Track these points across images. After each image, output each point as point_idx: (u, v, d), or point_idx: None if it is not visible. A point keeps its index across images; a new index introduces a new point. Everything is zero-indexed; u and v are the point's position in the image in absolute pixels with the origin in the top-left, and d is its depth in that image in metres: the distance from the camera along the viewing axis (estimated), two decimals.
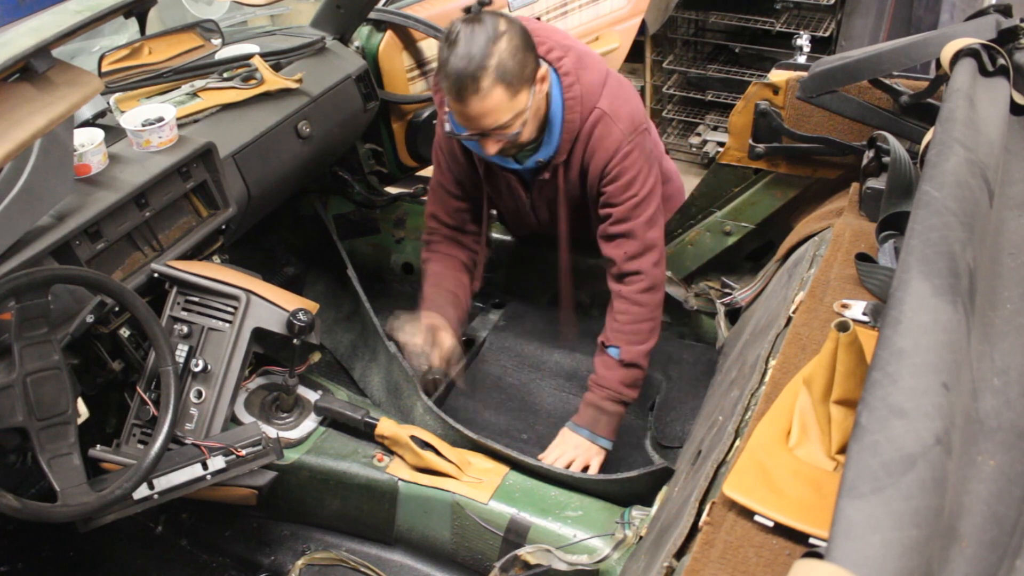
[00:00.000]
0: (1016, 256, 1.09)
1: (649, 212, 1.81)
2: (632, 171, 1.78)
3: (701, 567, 0.99)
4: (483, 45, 1.57)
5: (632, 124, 1.77)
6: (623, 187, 1.79)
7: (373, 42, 2.41)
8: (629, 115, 1.77)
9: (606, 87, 1.77)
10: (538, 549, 1.53)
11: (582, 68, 1.75)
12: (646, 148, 1.80)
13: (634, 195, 1.79)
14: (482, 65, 1.56)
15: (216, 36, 2.04)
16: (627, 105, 1.78)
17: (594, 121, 1.76)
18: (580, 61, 1.75)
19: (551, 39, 1.74)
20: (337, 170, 2.59)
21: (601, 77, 1.77)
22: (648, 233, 1.82)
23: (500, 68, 1.57)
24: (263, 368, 1.88)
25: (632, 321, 1.86)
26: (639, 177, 1.79)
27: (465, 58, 1.57)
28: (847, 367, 1.01)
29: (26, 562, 1.91)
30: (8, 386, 1.41)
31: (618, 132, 1.75)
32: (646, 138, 1.81)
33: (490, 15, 1.61)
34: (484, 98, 1.59)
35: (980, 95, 1.29)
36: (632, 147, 1.77)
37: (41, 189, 1.50)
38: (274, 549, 1.84)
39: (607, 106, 1.75)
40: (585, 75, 1.75)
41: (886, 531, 0.64)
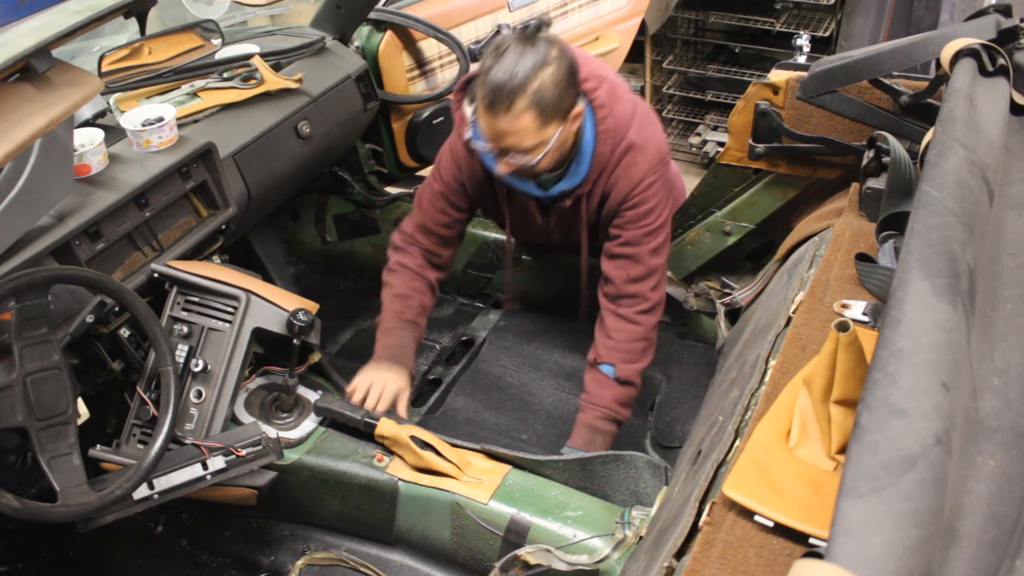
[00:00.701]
0: (1016, 256, 1.09)
1: (659, 241, 1.83)
2: (652, 201, 1.79)
3: (701, 567, 0.99)
4: (529, 67, 1.56)
5: (659, 155, 1.79)
6: (641, 214, 1.80)
7: (373, 42, 2.41)
8: (656, 146, 1.78)
9: (635, 117, 1.77)
10: (538, 549, 1.53)
11: (615, 100, 1.75)
12: (668, 179, 1.82)
13: (649, 223, 1.81)
14: (522, 85, 1.56)
15: (216, 36, 2.04)
16: (654, 136, 1.79)
17: (623, 151, 1.76)
18: (613, 92, 1.75)
19: (586, 68, 1.73)
20: (337, 170, 2.59)
21: (631, 108, 1.78)
22: (653, 259, 1.83)
23: (538, 94, 1.57)
24: (263, 368, 1.88)
25: (628, 339, 1.86)
26: (657, 207, 1.80)
27: (508, 73, 1.56)
28: (847, 367, 1.01)
29: (26, 562, 1.91)
30: (8, 386, 1.41)
31: (645, 163, 1.76)
32: (668, 169, 1.82)
33: (545, 39, 1.61)
34: (514, 119, 1.59)
35: (980, 95, 1.29)
36: (656, 177, 1.78)
37: (41, 189, 1.50)
38: (274, 549, 1.84)
39: (637, 137, 1.76)
40: (618, 107, 1.75)
41: (886, 531, 0.64)
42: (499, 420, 2.07)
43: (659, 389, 2.16)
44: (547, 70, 1.58)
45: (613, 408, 1.85)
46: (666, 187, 1.82)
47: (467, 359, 2.30)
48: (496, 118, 1.60)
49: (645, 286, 1.84)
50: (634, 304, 1.85)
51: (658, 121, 1.86)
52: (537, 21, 1.63)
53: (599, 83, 1.73)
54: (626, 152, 1.76)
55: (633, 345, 1.86)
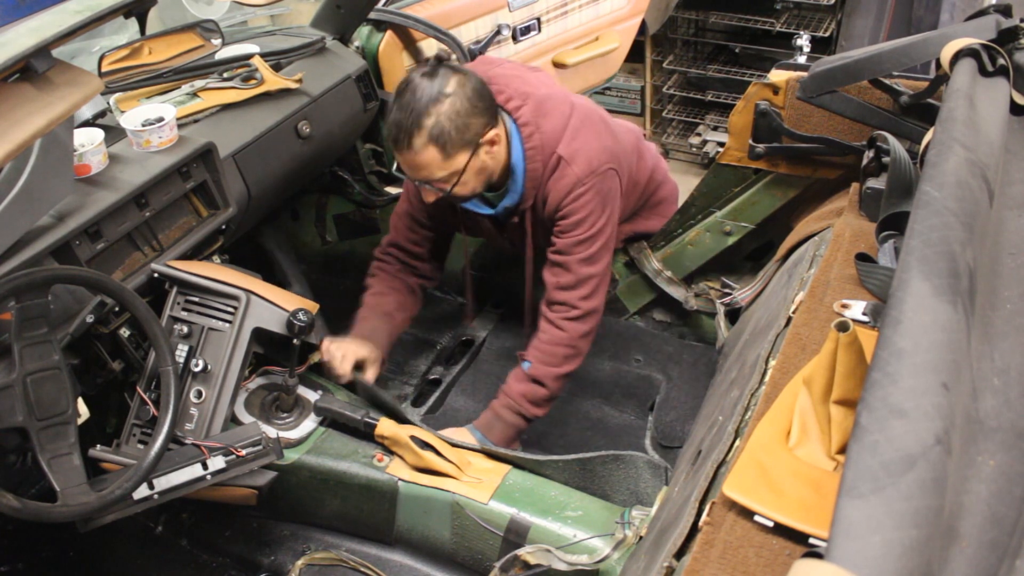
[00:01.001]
0: (1016, 256, 1.09)
1: (591, 250, 1.84)
2: (582, 212, 1.80)
3: (701, 567, 0.99)
4: (424, 103, 1.62)
5: (589, 167, 1.78)
6: (571, 224, 1.82)
7: (373, 42, 2.41)
8: (587, 158, 1.78)
9: (567, 131, 1.78)
10: (538, 549, 1.53)
11: (542, 116, 1.77)
12: (603, 189, 1.81)
13: (579, 233, 1.83)
14: (417, 124, 1.62)
15: (216, 36, 2.04)
16: (587, 147, 1.79)
17: (552, 166, 1.79)
18: (539, 108, 1.78)
19: (510, 87, 1.77)
20: (337, 170, 2.59)
21: (563, 121, 1.79)
22: (583, 268, 1.85)
23: (436, 129, 1.63)
24: (263, 368, 1.88)
25: (550, 342, 1.87)
26: (588, 218, 1.81)
27: (404, 111, 1.63)
28: (847, 367, 1.01)
29: (26, 562, 1.91)
30: (8, 386, 1.40)
31: (572, 175, 1.78)
32: (605, 179, 1.81)
33: (447, 71, 1.66)
34: (416, 154, 1.65)
35: (980, 95, 1.29)
36: (586, 188, 1.79)
37: (41, 189, 1.50)
38: (274, 549, 1.84)
39: (565, 151, 1.77)
40: (545, 122, 1.77)
41: (886, 531, 0.64)
42: None
43: (659, 389, 2.16)
44: (443, 104, 1.62)
45: (519, 402, 1.87)
46: (600, 198, 1.81)
47: (467, 359, 2.31)
48: (402, 155, 1.68)
49: (574, 295, 1.85)
50: (562, 311, 1.87)
51: (599, 132, 1.84)
52: (437, 55, 1.69)
53: (523, 100, 1.77)
54: (556, 166, 1.79)
55: (554, 349, 1.87)
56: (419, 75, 1.65)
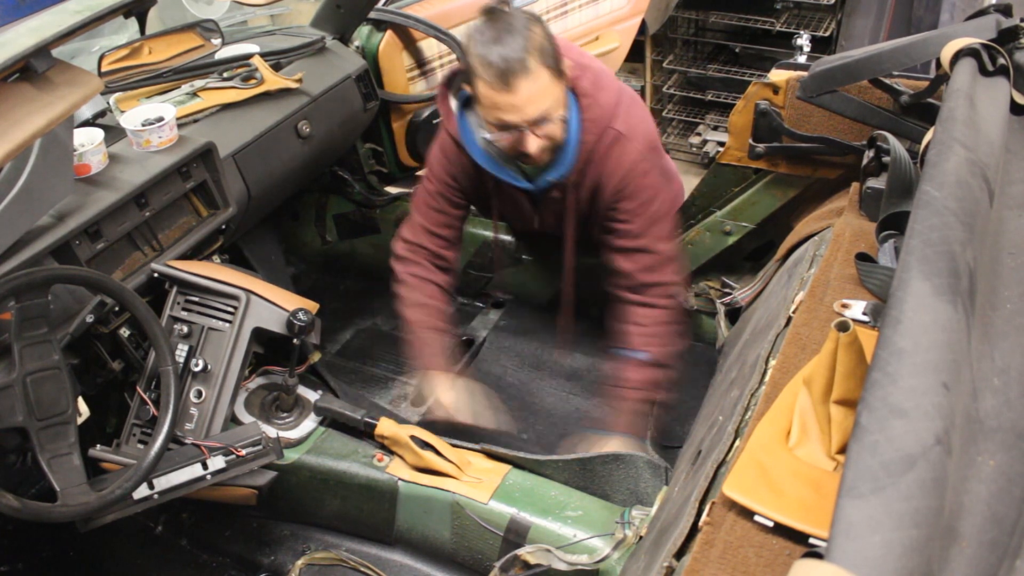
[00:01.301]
0: (1016, 256, 1.09)
1: (667, 227, 1.82)
2: (650, 189, 1.78)
3: (701, 567, 0.99)
4: (522, 30, 1.55)
5: (648, 143, 1.76)
6: (641, 204, 1.78)
7: (373, 42, 2.41)
8: (644, 134, 1.76)
9: (620, 106, 1.75)
10: (538, 549, 1.53)
11: (599, 88, 1.72)
12: (661, 165, 1.80)
13: (652, 212, 1.79)
14: (527, 48, 1.54)
15: (216, 36, 2.04)
16: (642, 124, 1.77)
17: (610, 142, 1.74)
18: (598, 81, 1.73)
19: (569, 55, 1.70)
20: (337, 170, 2.59)
21: (616, 96, 1.75)
22: (663, 246, 1.82)
23: (542, 50, 1.56)
24: (263, 368, 1.88)
25: (657, 323, 1.83)
26: (658, 195, 1.79)
27: (506, 44, 1.54)
28: (847, 367, 1.01)
29: (26, 562, 1.91)
30: (8, 386, 1.41)
31: (634, 152, 1.74)
32: (661, 155, 1.80)
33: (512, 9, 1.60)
34: (533, 80, 1.56)
35: (980, 95, 1.29)
36: (649, 165, 1.76)
37: (41, 189, 1.50)
38: (274, 549, 1.84)
39: (622, 126, 1.73)
40: (601, 96, 1.72)
41: (886, 531, 0.64)
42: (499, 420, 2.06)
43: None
44: (536, 27, 1.58)
45: (648, 389, 1.82)
46: (662, 174, 1.80)
47: (467, 359, 2.30)
48: (517, 89, 1.56)
49: (663, 274, 1.82)
50: (657, 291, 1.83)
51: (646, 110, 1.82)
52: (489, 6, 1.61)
53: (582, 71, 1.71)
54: (614, 142, 1.74)
55: (665, 328, 1.83)
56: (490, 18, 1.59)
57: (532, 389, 2.16)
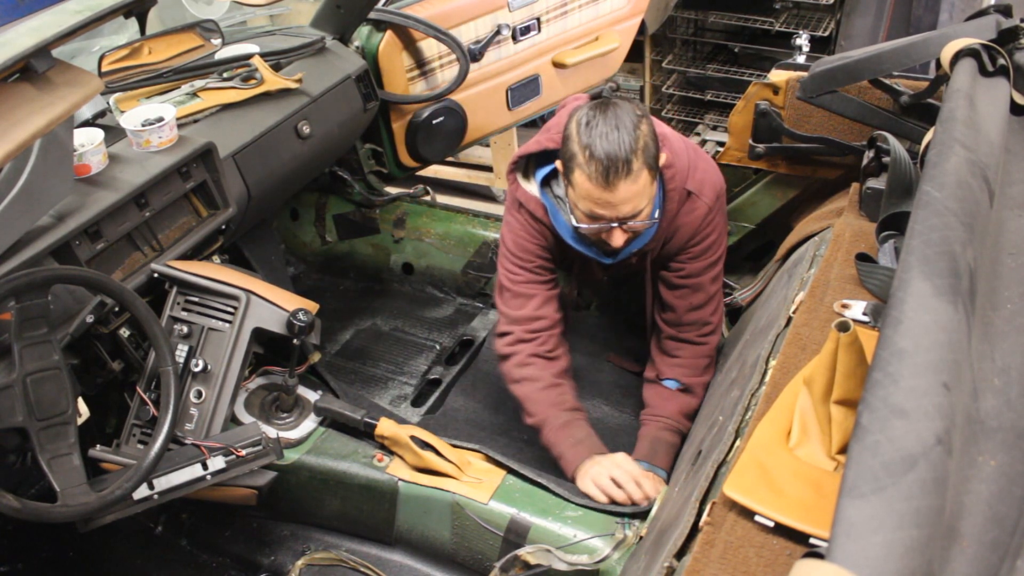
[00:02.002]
0: (1016, 256, 1.09)
1: (718, 269, 1.86)
2: (713, 235, 1.81)
3: (701, 567, 0.99)
4: (632, 129, 1.52)
5: (714, 192, 1.77)
6: (703, 250, 1.81)
7: (373, 42, 2.41)
8: (711, 185, 1.77)
9: (690, 167, 1.75)
10: (538, 549, 1.53)
11: (676, 155, 1.72)
12: (723, 208, 1.83)
13: (710, 256, 1.83)
14: (633, 148, 1.51)
15: (216, 36, 2.04)
16: (707, 176, 1.77)
17: (681, 200, 1.75)
18: (673, 148, 1.72)
19: None
20: (337, 170, 2.59)
21: (686, 158, 1.75)
22: (713, 287, 1.86)
23: (647, 151, 1.54)
24: (263, 368, 1.88)
25: (692, 357, 1.88)
26: (719, 240, 1.83)
27: (616, 142, 1.51)
28: (847, 367, 1.01)
29: (26, 562, 1.91)
30: (8, 386, 1.40)
31: (703, 207, 1.76)
32: (723, 199, 1.82)
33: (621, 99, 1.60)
34: (634, 182, 1.53)
35: (980, 95, 1.29)
36: (715, 214, 1.79)
37: (41, 189, 1.50)
38: (274, 549, 1.84)
39: (692, 185, 1.74)
40: (679, 161, 1.72)
41: (887, 531, 0.64)
42: (499, 420, 2.06)
43: None
44: (644, 125, 1.55)
45: (677, 419, 1.85)
46: (724, 217, 1.83)
47: (467, 359, 2.30)
48: (616, 187, 1.53)
49: (706, 312, 1.87)
50: (697, 329, 1.88)
51: (709, 160, 1.82)
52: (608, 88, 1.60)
53: (664, 142, 1.67)
54: (685, 200, 1.75)
55: (697, 361, 1.88)
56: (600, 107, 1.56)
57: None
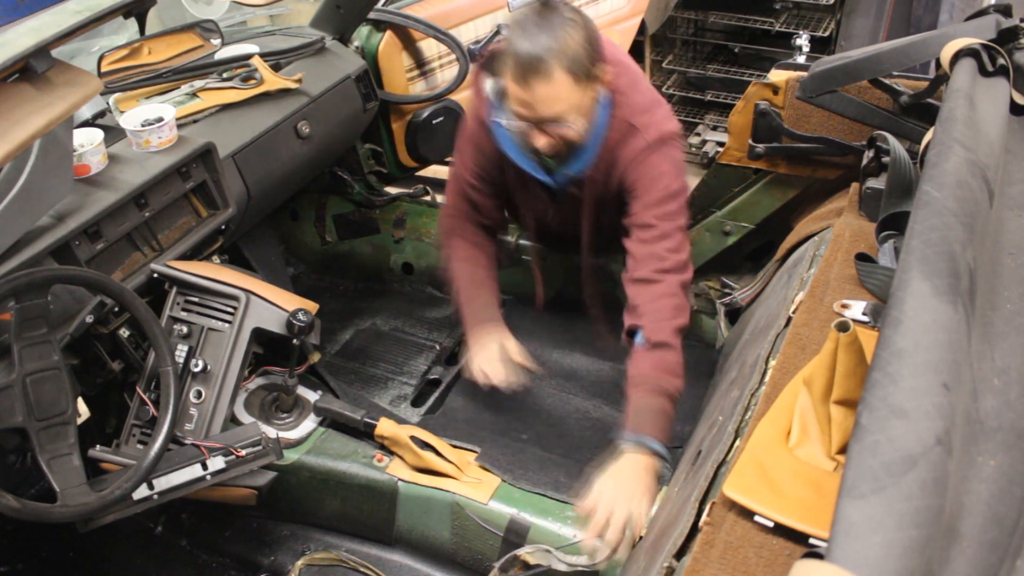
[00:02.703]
0: (1016, 256, 1.09)
1: (670, 207, 1.75)
2: (653, 171, 1.75)
3: (701, 567, 0.99)
4: (554, 29, 1.54)
5: (659, 134, 1.75)
6: (644, 186, 1.76)
7: (373, 42, 2.41)
8: (658, 128, 1.76)
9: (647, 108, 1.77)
10: (537, 549, 1.53)
11: (633, 90, 1.74)
12: (672, 155, 1.77)
13: (655, 193, 1.75)
14: (551, 48, 1.53)
15: (216, 36, 2.04)
16: (659, 120, 1.77)
17: (624, 132, 1.75)
18: (635, 84, 1.76)
19: (612, 56, 1.72)
20: (337, 170, 2.59)
21: (648, 101, 1.77)
22: (664, 223, 1.75)
23: (569, 55, 1.55)
24: (263, 368, 1.88)
25: (652, 299, 1.71)
26: (662, 178, 1.75)
27: (535, 41, 1.54)
28: (847, 367, 1.01)
29: (26, 562, 1.91)
30: (8, 386, 1.41)
31: (642, 140, 1.74)
32: (674, 148, 1.78)
33: (562, 4, 1.60)
34: (551, 83, 1.55)
35: (980, 95, 1.29)
36: (654, 152, 1.75)
37: (41, 189, 1.50)
38: (274, 549, 1.84)
39: (639, 121, 1.75)
40: (634, 97, 1.74)
41: (887, 531, 0.64)
42: (499, 420, 2.06)
43: None
44: (574, 30, 1.55)
45: (656, 377, 1.65)
46: (670, 161, 1.76)
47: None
48: (533, 87, 1.56)
49: (660, 247, 1.74)
50: (652, 264, 1.74)
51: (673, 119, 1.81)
52: None
53: (624, 70, 1.74)
54: (626, 133, 1.75)
55: (659, 303, 1.71)
56: (534, 8, 1.59)
57: (531, 389, 2.15)
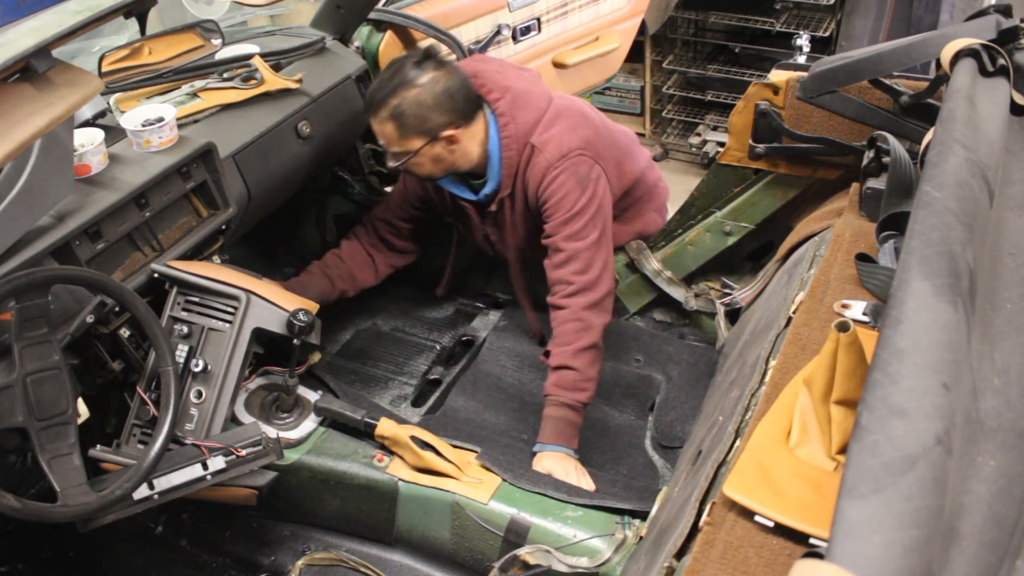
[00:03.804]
0: (1016, 256, 1.09)
1: (575, 228, 1.89)
2: (559, 192, 1.88)
3: (701, 567, 0.99)
4: (395, 85, 1.82)
5: (559, 152, 1.88)
6: (552, 207, 1.90)
7: (373, 42, 2.41)
8: (557, 145, 1.88)
9: (541, 123, 1.91)
10: (537, 549, 1.53)
11: (518, 108, 1.91)
12: (578, 172, 1.88)
13: (561, 213, 1.89)
14: (384, 100, 1.83)
15: (216, 36, 2.04)
16: (558, 136, 1.89)
17: (528, 156, 1.91)
18: (516, 101, 1.91)
19: (491, 81, 1.92)
20: (337, 170, 2.58)
21: (538, 114, 1.91)
22: (570, 244, 1.89)
23: (397, 110, 1.82)
24: (263, 368, 1.88)
25: (558, 322, 1.90)
26: (567, 197, 1.88)
27: (380, 84, 1.85)
28: (847, 367, 1.01)
29: (26, 562, 1.91)
30: (8, 386, 1.40)
31: (544, 161, 1.88)
32: (579, 163, 1.88)
33: (432, 64, 1.83)
34: (377, 123, 1.87)
35: (980, 95, 1.29)
36: (558, 171, 1.88)
37: (41, 189, 1.50)
38: (274, 549, 1.84)
39: (537, 140, 1.90)
40: (520, 114, 1.90)
41: (886, 531, 0.64)
42: (499, 420, 2.07)
43: (659, 389, 2.16)
44: (410, 91, 1.81)
45: (557, 393, 1.86)
46: (575, 178, 1.88)
47: (467, 359, 2.30)
48: (370, 120, 1.89)
49: (567, 270, 1.89)
50: (560, 289, 1.90)
51: (579, 123, 1.93)
52: (427, 48, 1.85)
53: (503, 93, 1.91)
54: (530, 155, 1.90)
55: (563, 327, 1.89)
56: (409, 60, 1.84)
57: (532, 389, 2.16)
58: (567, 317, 1.88)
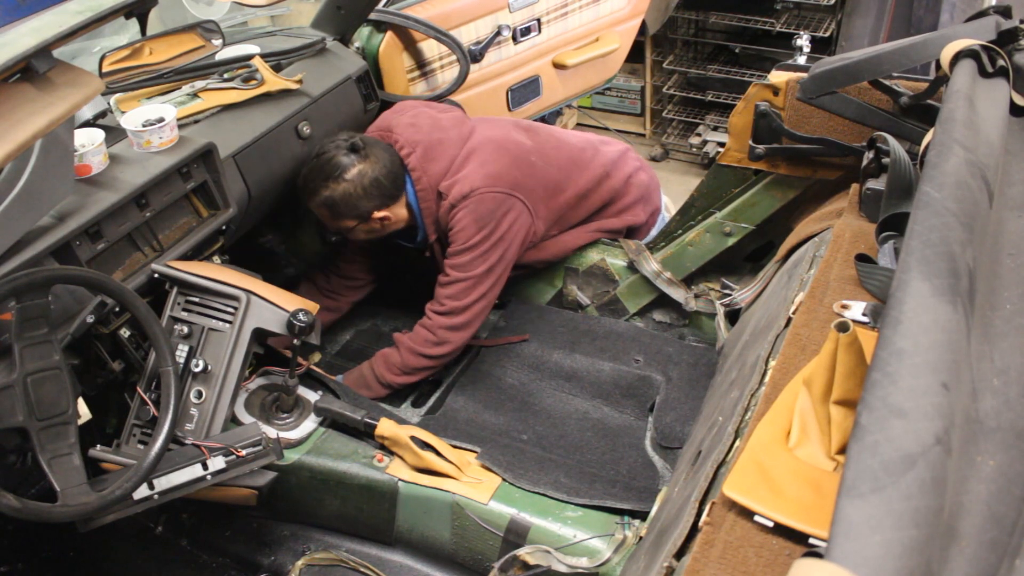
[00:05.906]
0: (1016, 256, 1.09)
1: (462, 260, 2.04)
2: (456, 228, 2.03)
3: (701, 567, 0.99)
4: (324, 178, 1.97)
5: (460, 193, 2.01)
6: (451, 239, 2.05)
7: (373, 43, 2.41)
8: (459, 188, 2.01)
9: (449, 170, 2.05)
10: (537, 550, 1.53)
11: (428, 160, 2.05)
12: (478, 210, 2.01)
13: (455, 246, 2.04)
14: (316, 190, 1.99)
15: (217, 37, 2.04)
16: (462, 179, 2.02)
17: (438, 201, 2.06)
18: (427, 154, 2.05)
19: (403, 137, 2.07)
20: None
21: (447, 162, 2.05)
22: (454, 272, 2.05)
23: (328, 200, 1.99)
24: (263, 368, 1.88)
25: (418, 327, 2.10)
26: (461, 234, 2.02)
27: (311, 172, 2.00)
28: (847, 367, 1.01)
29: (26, 562, 1.91)
30: (8, 386, 1.40)
31: (447, 204, 2.04)
32: (481, 201, 2.00)
33: (358, 159, 1.97)
34: (312, 207, 2.05)
35: (980, 96, 1.29)
36: (457, 210, 2.02)
37: (41, 189, 1.50)
38: (274, 549, 1.84)
39: (444, 185, 2.04)
40: (431, 166, 2.05)
41: (886, 531, 0.64)
42: (499, 420, 2.07)
43: (659, 389, 2.16)
44: (339, 185, 1.97)
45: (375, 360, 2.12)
46: (472, 216, 2.01)
47: (467, 359, 2.30)
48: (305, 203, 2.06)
49: (442, 292, 2.07)
50: (434, 305, 2.09)
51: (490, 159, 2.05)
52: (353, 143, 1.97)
53: (412, 148, 2.05)
54: (439, 200, 2.06)
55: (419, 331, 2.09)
56: (339, 151, 1.97)
57: (532, 390, 2.16)
58: (427, 326, 2.08)
